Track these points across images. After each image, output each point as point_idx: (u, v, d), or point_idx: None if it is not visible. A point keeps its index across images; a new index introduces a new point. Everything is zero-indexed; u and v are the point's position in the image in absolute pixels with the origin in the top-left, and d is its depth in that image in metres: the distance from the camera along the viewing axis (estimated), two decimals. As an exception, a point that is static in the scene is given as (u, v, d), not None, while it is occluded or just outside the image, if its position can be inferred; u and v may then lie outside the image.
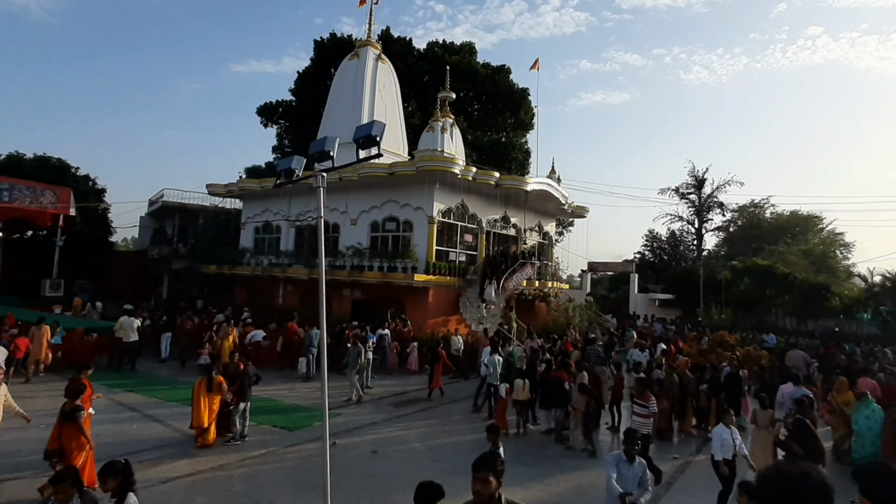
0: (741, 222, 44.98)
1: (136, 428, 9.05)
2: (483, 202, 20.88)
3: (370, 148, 6.32)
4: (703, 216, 40.41)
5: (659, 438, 9.56)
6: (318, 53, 34.77)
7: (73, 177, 26.90)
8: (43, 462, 6.31)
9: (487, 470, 2.96)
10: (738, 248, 41.90)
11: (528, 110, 34.79)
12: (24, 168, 25.25)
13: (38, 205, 21.25)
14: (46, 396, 11.03)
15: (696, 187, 40.06)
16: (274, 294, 22.36)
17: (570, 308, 23.23)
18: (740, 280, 29.90)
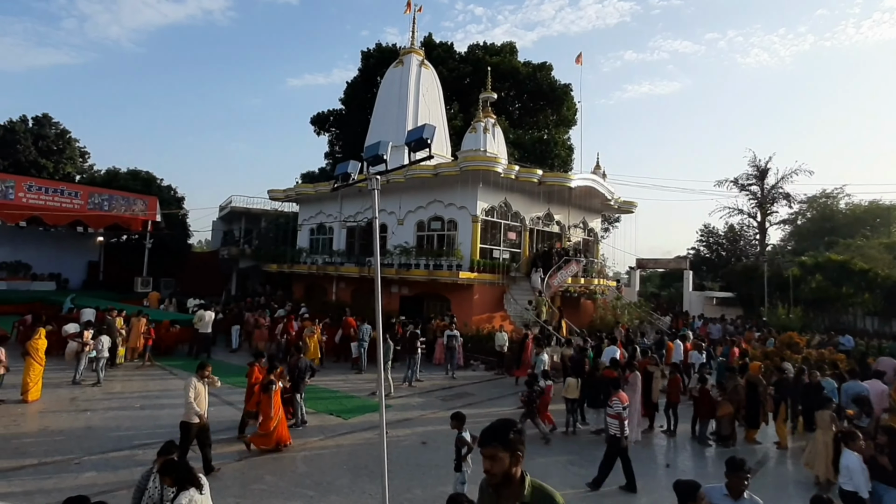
0: (811, 214, 42.12)
1: (213, 410, 10.19)
2: (526, 200, 21.14)
3: (422, 150, 6.88)
4: (767, 208, 38.18)
5: (722, 445, 9.45)
6: (365, 63, 36.13)
7: (158, 187, 29.92)
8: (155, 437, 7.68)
9: (496, 442, 2.36)
10: (807, 242, 39.27)
11: (570, 106, 34.44)
12: (120, 181, 28.62)
13: (131, 212, 24.15)
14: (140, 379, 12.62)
15: (757, 178, 37.95)
16: (328, 290, 23.76)
17: (618, 306, 22.97)
18: (811, 277, 27.86)
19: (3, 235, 23.71)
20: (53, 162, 33.68)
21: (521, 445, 2.39)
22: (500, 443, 2.36)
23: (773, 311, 26.04)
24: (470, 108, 30.09)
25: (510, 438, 2.36)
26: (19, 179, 21.64)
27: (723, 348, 15.70)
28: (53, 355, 11.81)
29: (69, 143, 35.37)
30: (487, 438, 2.41)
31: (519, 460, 2.37)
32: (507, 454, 2.33)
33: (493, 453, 2.36)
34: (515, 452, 2.36)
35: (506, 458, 2.34)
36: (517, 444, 2.38)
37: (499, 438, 2.38)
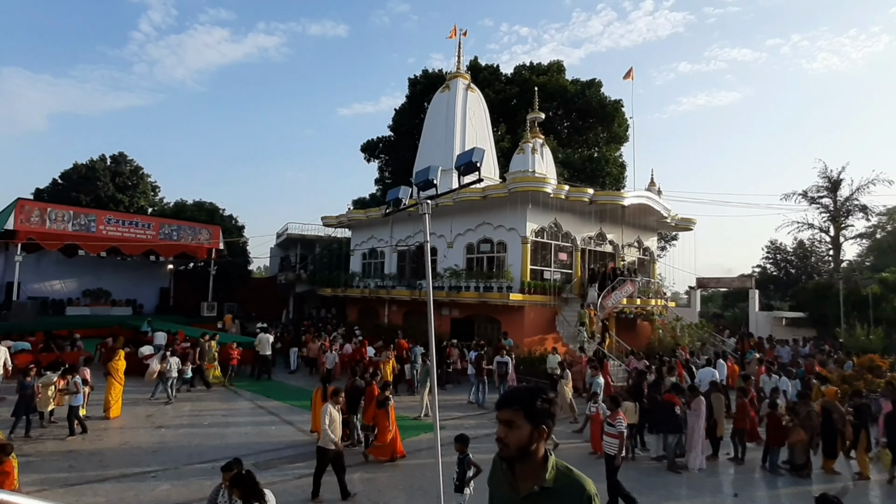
0: (891, 227, 38.78)
1: (274, 430, 10.56)
2: (577, 220, 20.80)
3: (472, 174, 6.98)
4: (841, 222, 35.43)
5: (796, 475, 8.85)
6: (412, 90, 37.30)
7: (221, 217, 32.06)
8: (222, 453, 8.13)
9: (517, 406, 1.93)
10: (888, 257, 35.99)
11: (621, 122, 33.86)
12: (187, 212, 30.98)
13: (197, 241, 25.96)
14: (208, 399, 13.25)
15: (829, 190, 35.39)
16: (380, 313, 24.17)
17: (677, 327, 21.92)
18: (893, 295, 25.80)
19: (86, 265, 25.98)
20: (129, 196, 36.78)
21: (548, 418, 1.94)
22: (521, 407, 1.92)
23: (851, 333, 23.97)
24: (517, 128, 30.26)
25: (535, 406, 1.91)
26: (100, 214, 23.72)
27: (795, 371, 14.58)
28: (132, 375, 12.64)
29: (142, 178, 38.58)
30: (507, 400, 2.00)
31: (543, 435, 1.92)
32: (527, 423, 1.89)
33: (510, 418, 1.91)
34: (540, 425, 1.90)
35: (525, 429, 1.89)
36: (543, 414, 1.92)
37: (521, 402, 1.94)
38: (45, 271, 25.21)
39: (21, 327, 17.81)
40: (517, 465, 1.93)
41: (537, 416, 1.91)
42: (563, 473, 1.91)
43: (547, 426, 1.93)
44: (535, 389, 2.02)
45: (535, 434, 1.90)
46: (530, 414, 1.90)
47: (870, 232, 38.20)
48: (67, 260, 25.21)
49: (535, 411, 1.91)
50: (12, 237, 20.29)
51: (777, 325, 28.72)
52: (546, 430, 1.93)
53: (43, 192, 35.61)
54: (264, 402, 12.92)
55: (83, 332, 18.42)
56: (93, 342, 17.38)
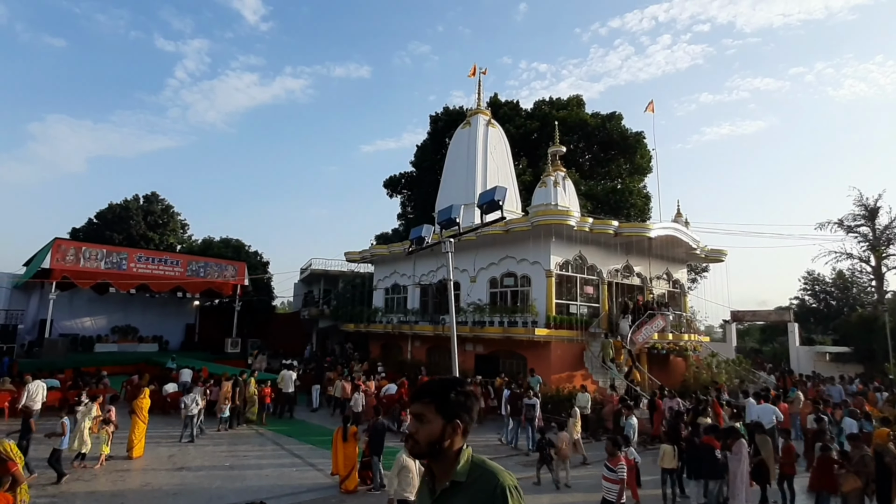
0: (937, 256, 36.91)
1: (296, 472, 10.22)
2: (602, 252, 20.38)
3: (494, 212, 6.95)
4: (882, 251, 33.93)
5: None
6: (434, 126, 38.08)
7: (246, 253, 32.69)
8: (241, 495, 7.71)
9: (428, 398, 1.80)
10: (936, 287, 34.14)
11: (644, 153, 33.68)
12: (214, 248, 31.71)
13: (223, 277, 26.32)
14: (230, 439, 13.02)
15: (867, 218, 34.12)
16: (403, 349, 23.82)
17: (713, 363, 20.90)
18: None
19: (116, 302, 26.58)
20: (159, 234, 37.98)
21: (463, 412, 1.78)
22: (432, 400, 1.78)
23: (902, 368, 22.44)
24: (539, 162, 30.37)
25: (449, 399, 1.78)
26: (131, 252, 24.41)
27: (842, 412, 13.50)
28: (156, 413, 12.57)
29: (172, 216, 39.91)
30: (418, 393, 1.85)
31: (457, 431, 1.77)
32: (439, 417, 1.76)
33: (420, 412, 1.78)
34: (453, 419, 1.76)
35: (436, 423, 1.76)
36: (457, 408, 1.77)
37: (432, 394, 1.80)
38: (77, 308, 25.86)
39: (52, 364, 18.12)
40: (434, 465, 1.81)
41: (450, 410, 1.78)
42: (477, 465, 1.75)
43: (462, 420, 1.79)
44: (449, 381, 1.89)
45: (447, 429, 1.77)
46: (442, 407, 1.78)
47: (914, 260, 36.40)
48: (98, 297, 25.84)
49: (447, 404, 1.79)
50: (48, 276, 20.96)
51: (820, 361, 27.16)
52: (461, 425, 1.78)
53: (79, 231, 37.10)
54: (287, 443, 12.62)
55: (110, 368, 18.61)
56: (119, 379, 17.50)
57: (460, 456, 1.77)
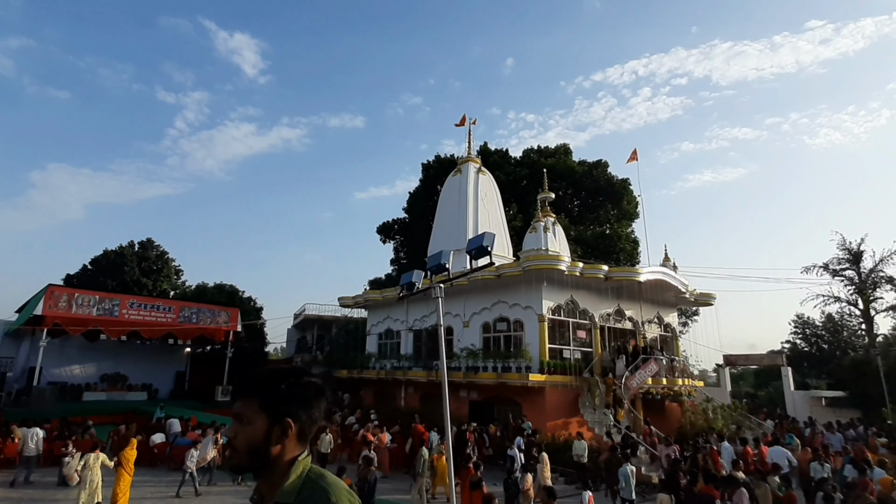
0: (924, 298, 37.43)
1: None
2: (594, 296, 20.65)
3: (483, 257, 7.20)
4: (869, 294, 34.40)
5: None
6: (426, 174, 39.25)
7: (240, 299, 32.66)
8: None
9: (251, 395, 1.46)
10: (927, 330, 34.40)
11: (630, 199, 34.72)
12: (207, 294, 31.68)
13: (215, 324, 26.20)
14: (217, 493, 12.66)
15: (851, 262, 34.80)
16: (396, 396, 23.48)
17: (709, 409, 20.73)
18: None
19: (107, 349, 26.25)
20: (153, 280, 37.93)
21: (298, 409, 1.45)
22: (255, 395, 1.45)
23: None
24: (529, 208, 31.16)
25: (278, 391, 1.45)
26: (124, 298, 24.39)
27: (843, 459, 13.37)
28: (142, 465, 12.27)
29: (167, 262, 40.01)
30: (241, 387, 1.50)
31: (287, 433, 1.42)
32: (262, 416, 1.42)
33: (240, 411, 1.45)
34: (282, 417, 1.42)
35: (259, 423, 1.42)
36: (290, 403, 1.44)
37: (256, 388, 1.46)
38: (67, 356, 25.48)
39: (39, 413, 17.71)
40: (261, 482, 1.45)
41: (278, 405, 1.43)
42: (311, 482, 1.41)
43: (296, 419, 1.44)
44: (284, 369, 1.54)
45: (274, 431, 1.42)
46: (268, 403, 1.43)
47: (902, 303, 36.84)
48: (89, 344, 25.54)
49: (274, 398, 1.44)
50: (40, 322, 20.84)
51: (816, 406, 26.94)
52: (294, 426, 1.44)
53: (73, 277, 37.04)
54: None
55: (98, 418, 18.22)
56: (106, 429, 17.10)
57: (293, 469, 1.41)
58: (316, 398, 1.51)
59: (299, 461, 1.44)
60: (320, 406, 1.53)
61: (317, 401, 1.52)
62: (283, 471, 1.42)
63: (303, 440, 1.48)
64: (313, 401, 1.50)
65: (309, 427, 1.49)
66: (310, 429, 1.49)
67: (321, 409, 1.54)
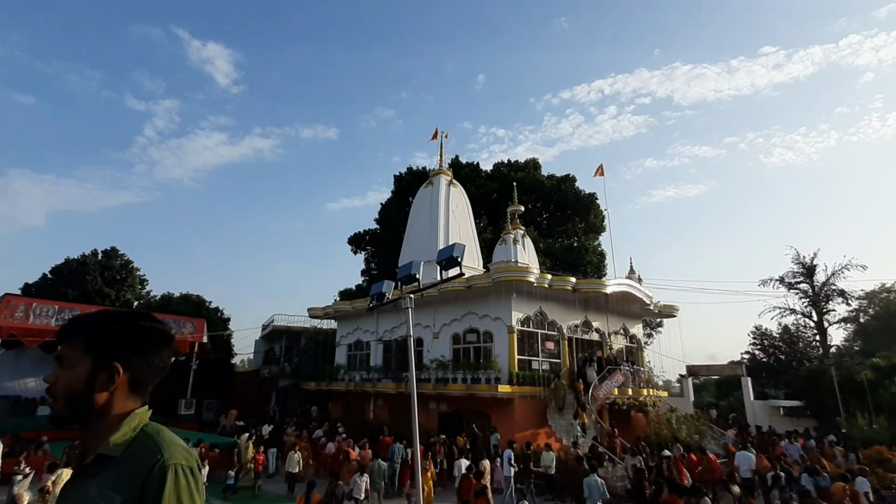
0: (874, 311, 39.52)
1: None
2: (562, 308, 21.06)
3: (453, 268, 7.26)
4: (822, 307, 36.05)
5: None
6: (398, 186, 39.42)
7: (207, 309, 31.88)
8: None
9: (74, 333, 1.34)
10: (876, 341, 36.12)
11: (597, 213, 35.66)
12: (173, 305, 30.84)
13: (180, 335, 25.47)
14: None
15: (805, 275, 36.47)
16: (365, 408, 23.27)
17: (672, 419, 21.29)
18: (888, 380, 25.15)
19: (64, 361, 25.16)
20: (116, 290, 36.65)
21: (131, 353, 1.32)
22: (80, 336, 1.31)
23: (852, 422, 23.19)
24: (499, 220, 31.64)
25: (103, 334, 1.31)
26: (84, 308, 23.48)
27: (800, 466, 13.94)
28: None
29: (131, 272, 38.78)
30: (65, 329, 1.35)
31: (115, 379, 1.29)
32: (87, 359, 1.28)
33: (63, 354, 1.32)
34: (110, 361, 1.29)
35: (82, 367, 1.28)
36: (120, 347, 1.31)
37: (82, 329, 1.32)
38: (22, 368, 24.29)
39: (-12, 430, 16.85)
40: (88, 435, 1.30)
41: (104, 348, 1.28)
42: (147, 436, 1.29)
43: (126, 364, 1.30)
44: (115, 312, 1.40)
45: (99, 376, 1.27)
46: (93, 344, 1.29)
47: (853, 316, 38.79)
48: (46, 356, 24.38)
49: (101, 340, 1.29)
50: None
51: (775, 415, 27.93)
52: (122, 371, 1.30)
53: (32, 286, 35.49)
54: None
55: (52, 433, 17.39)
56: (61, 445, 16.34)
57: (126, 421, 1.28)
58: (158, 346, 1.37)
59: (135, 414, 1.32)
60: (164, 356, 1.39)
61: (159, 349, 1.38)
62: (113, 424, 1.28)
63: (139, 391, 1.35)
64: (153, 348, 1.36)
65: (147, 377, 1.35)
66: (148, 379, 1.36)
67: (165, 360, 1.40)
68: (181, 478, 1.22)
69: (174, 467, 1.22)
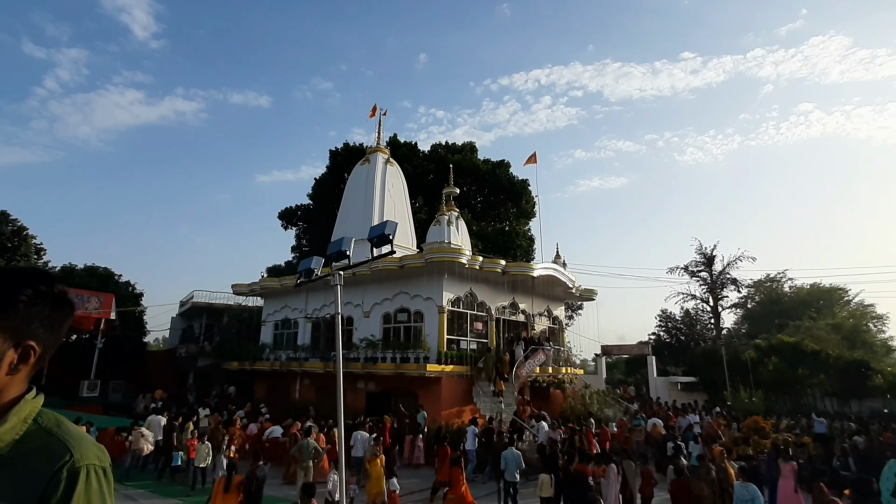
0: (759, 298, 44.57)
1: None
2: (491, 290, 21.70)
3: (384, 246, 6.96)
4: (718, 293, 40.08)
5: None
6: (333, 161, 38.18)
7: (116, 283, 29.17)
8: None
9: None
10: (759, 325, 41.02)
11: (528, 199, 36.83)
12: (76, 278, 27.85)
13: (83, 310, 23.14)
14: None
15: (705, 265, 40.23)
16: (291, 388, 22.73)
17: (587, 394, 22.90)
18: (767, 359, 28.40)
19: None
20: (6, 259, 32.45)
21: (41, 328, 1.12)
22: None
23: (736, 396, 26.16)
24: (434, 202, 31.71)
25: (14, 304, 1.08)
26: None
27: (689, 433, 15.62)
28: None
29: (25, 240, 34.42)
30: None
31: (28, 360, 1.11)
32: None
33: None
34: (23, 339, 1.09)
35: None
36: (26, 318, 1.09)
37: None
38: None
39: None
40: None
41: (14, 320, 1.07)
42: (43, 431, 1.08)
43: (37, 339, 1.11)
44: (21, 272, 1.15)
45: (7, 356, 1.07)
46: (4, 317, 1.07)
47: (742, 302, 43.58)
48: None
49: (12, 312, 1.07)
50: None
51: (674, 390, 30.98)
52: (35, 350, 1.11)
53: None
54: (149, 501, 11.25)
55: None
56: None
57: (14, 411, 1.06)
58: (67, 318, 1.18)
59: (26, 401, 1.09)
60: (65, 330, 1.19)
61: (64, 320, 1.17)
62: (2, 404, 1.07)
63: (30, 374, 1.13)
64: (64, 320, 1.17)
65: (47, 356, 1.15)
66: (46, 358, 1.15)
67: (63, 334, 1.20)
68: (93, 481, 1.04)
69: (86, 469, 1.03)
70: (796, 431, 16.94)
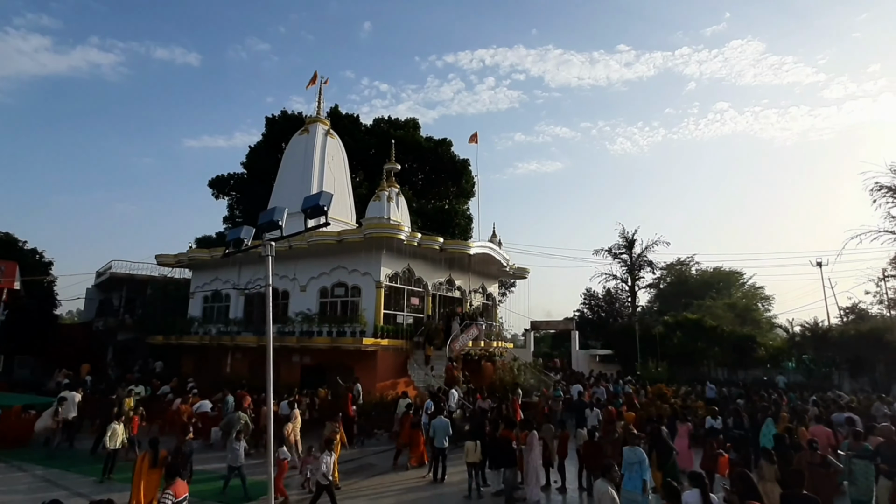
0: (670, 279, 48.73)
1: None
2: (429, 266, 22.22)
3: (318, 217, 6.82)
4: (636, 274, 43.25)
5: None
6: (270, 129, 36.52)
7: (20, 250, 26.44)
8: None
9: None
10: (669, 303, 45.06)
11: (469, 179, 37.51)
12: (-29, 244, 24.76)
13: (-21, 279, 20.83)
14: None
15: (626, 248, 43.12)
16: (222, 363, 22.19)
17: (515, 367, 24.27)
18: (673, 334, 31.38)
19: None
20: None
21: None
22: None
23: (646, 366, 28.85)
24: (375, 177, 31.48)
25: None
26: None
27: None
28: None
29: None
30: None
31: None
32: None
33: None
34: None
35: None
36: None
37: None
38: None
39: None
40: None
41: None
42: None
43: None
44: None
45: None
46: None
47: (655, 283, 47.42)
48: None
49: None
50: None
51: (593, 362, 33.54)
52: None
53: None
54: (61, 479, 10.61)
55: None
56: None
57: None
58: None
59: None
60: None
61: None
62: None
63: None
64: None
65: None
66: None
67: None
68: None
69: None
70: (692, 396, 19.13)
